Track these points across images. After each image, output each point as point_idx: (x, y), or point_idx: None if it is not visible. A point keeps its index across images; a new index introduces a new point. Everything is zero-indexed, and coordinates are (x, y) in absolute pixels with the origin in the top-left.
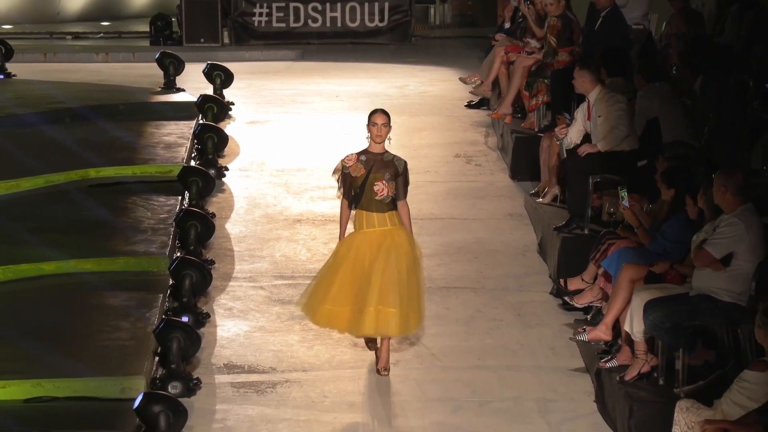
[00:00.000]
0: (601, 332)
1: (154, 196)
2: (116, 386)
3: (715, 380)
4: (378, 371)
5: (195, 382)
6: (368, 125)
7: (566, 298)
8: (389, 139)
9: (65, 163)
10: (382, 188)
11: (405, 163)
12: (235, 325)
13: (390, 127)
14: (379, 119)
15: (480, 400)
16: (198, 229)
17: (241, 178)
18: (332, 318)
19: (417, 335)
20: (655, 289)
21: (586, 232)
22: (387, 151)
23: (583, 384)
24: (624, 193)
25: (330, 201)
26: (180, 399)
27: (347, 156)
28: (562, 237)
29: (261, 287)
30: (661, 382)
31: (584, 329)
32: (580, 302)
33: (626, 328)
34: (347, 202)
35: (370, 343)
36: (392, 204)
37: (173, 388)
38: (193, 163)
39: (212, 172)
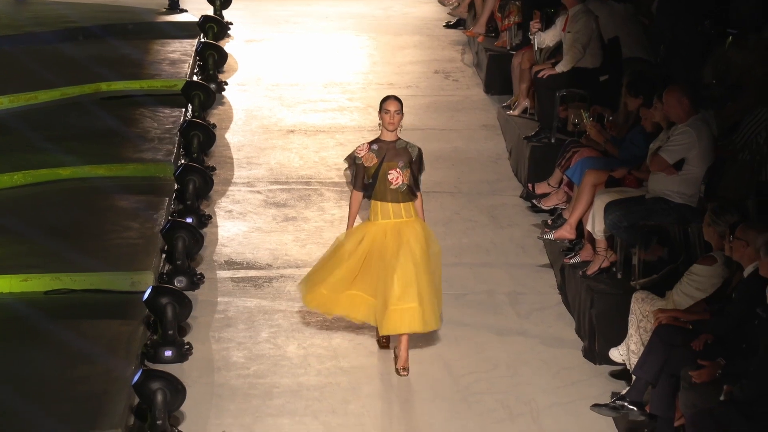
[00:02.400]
0: (566, 231)
1: (160, 108)
2: (127, 280)
3: (668, 274)
4: (397, 371)
5: (198, 277)
6: (380, 112)
7: (534, 201)
8: (401, 126)
9: (79, 77)
10: (396, 177)
11: (419, 149)
12: (235, 226)
13: (402, 114)
14: (391, 106)
15: (456, 293)
16: (200, 138)
17: (240, 92)
18: (326, 302)
19: None
20: (615, 192)
21: (552, 141)
22: (400, 138)
23: (549, 278)
24: (587, 115)
25: (321, 113)
26: (185, 292)
27: (359, 146)
28: (531, 146)
29: (258, 191)
30: (619, 276)
31: (550, 230)
32: (546, 205)
33: (588, 227)
34: (359, 192)
35: (384, 339)
36: (408, 194)
37: (179, 282)
38: (195, 78)
39: (213, 86)
